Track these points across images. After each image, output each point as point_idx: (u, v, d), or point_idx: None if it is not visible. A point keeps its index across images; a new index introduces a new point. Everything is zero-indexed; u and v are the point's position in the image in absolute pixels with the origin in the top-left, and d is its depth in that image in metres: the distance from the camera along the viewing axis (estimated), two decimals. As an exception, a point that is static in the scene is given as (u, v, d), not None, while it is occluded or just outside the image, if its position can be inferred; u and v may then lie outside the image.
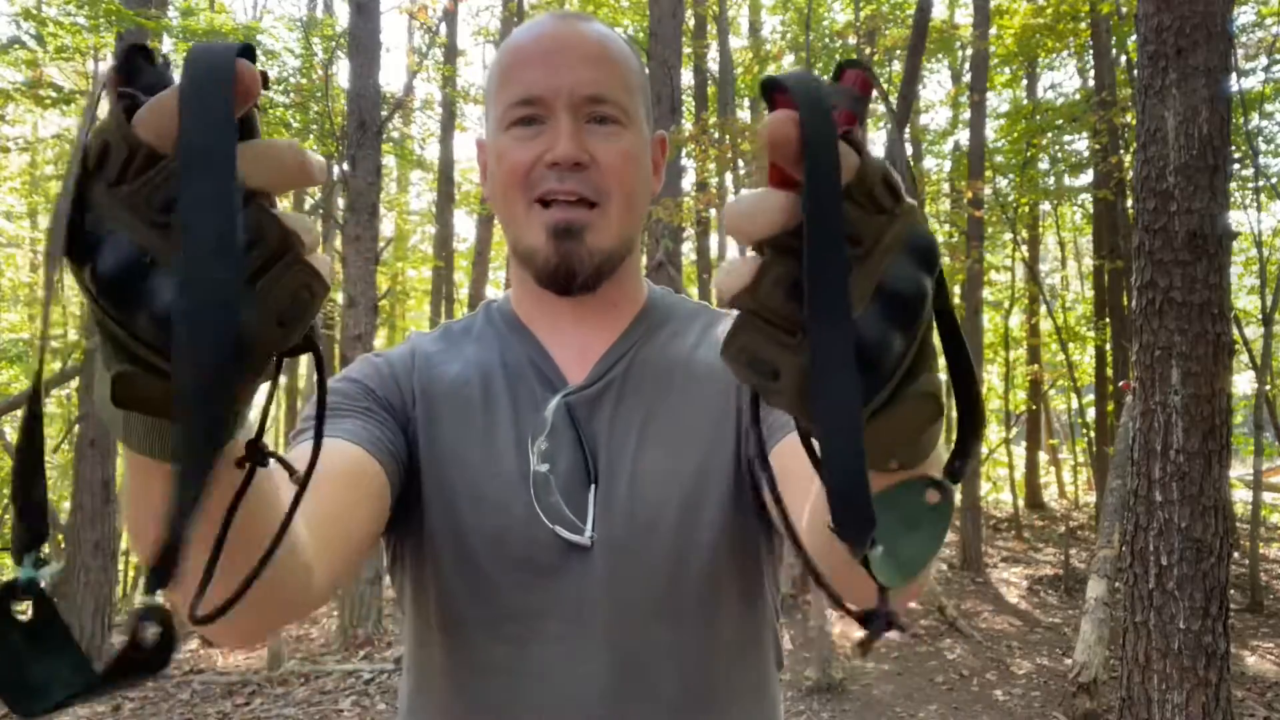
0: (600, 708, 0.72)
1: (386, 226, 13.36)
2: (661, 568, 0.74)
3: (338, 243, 7.31)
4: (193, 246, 0.28)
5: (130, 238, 0.30)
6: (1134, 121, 3.39)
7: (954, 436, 0.39)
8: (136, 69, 0.35)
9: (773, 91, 0.32)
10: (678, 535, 0.75)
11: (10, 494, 0.33)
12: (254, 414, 0.40)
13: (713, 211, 9.26)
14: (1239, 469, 9.95)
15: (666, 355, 0.83)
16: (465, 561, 0.75)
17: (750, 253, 0.33)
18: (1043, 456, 14.24)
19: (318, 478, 0.43)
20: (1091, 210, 10.84)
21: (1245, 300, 10.75)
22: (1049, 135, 9.94)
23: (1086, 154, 10.04)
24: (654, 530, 0.74)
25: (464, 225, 22.96)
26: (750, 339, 0.32)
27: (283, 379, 14.19)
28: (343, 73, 9.00)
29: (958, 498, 0.38)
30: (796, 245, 0.30)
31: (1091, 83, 10.06)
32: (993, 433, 13.47)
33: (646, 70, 0.87)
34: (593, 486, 0.75)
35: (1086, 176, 10.58)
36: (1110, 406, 9.39)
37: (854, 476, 0.30)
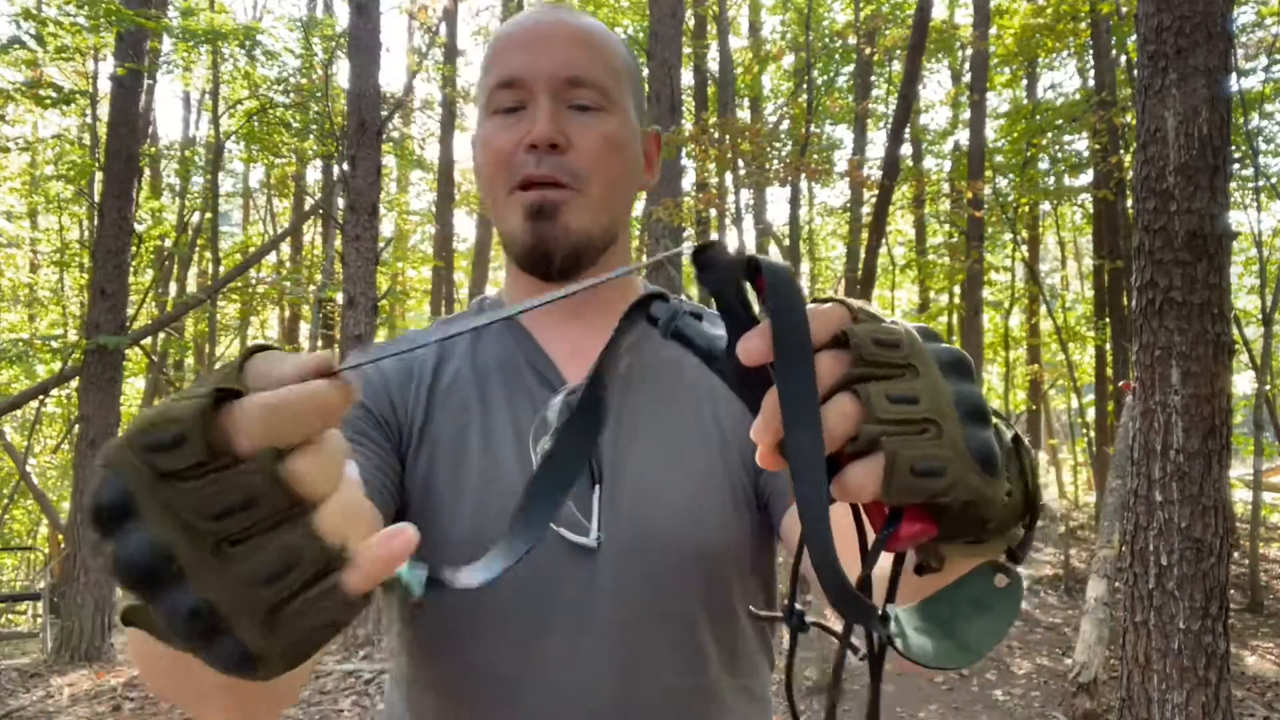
0: (606, 711, 0.71)
1: (386, 226, 13.36)
2: (668, 569, 0.73)
3: (338, 243, 7.31)
4: None
5: (156, 539, 0.28)
6: (1134, 121, 3.39)
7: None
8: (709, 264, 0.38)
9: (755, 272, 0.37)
10: (684, 536, 0.74)
11: None
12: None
13: (712, 212, 9.25)
14: (1239, 469, 9.95)
15: (665, 356, 0.81)
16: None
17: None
18: (1043, 456, 14.24)
19: None
20: (1091, 210, 10.84)
21: (1245, 300, 10.75)
22: (1049, 135, 9.95)
23: (1086, 154, 10.04)
24: (660, 531, 0.73)
25: (464, 225, 22.98)
26: None
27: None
28: (343, 73, 9.00)
29: (1024, 579, 0.41)
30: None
31: (1091, 83, 10.06)
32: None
33: (643, 67, 0.86)
34: (597, 487, 0.74)
35: (1086, 176, 10.58)
36: (1110, 406, 9.39)
37: (835, 579, 0.34)
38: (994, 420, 0.38)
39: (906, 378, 0.35)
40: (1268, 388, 7.21)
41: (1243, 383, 10.18)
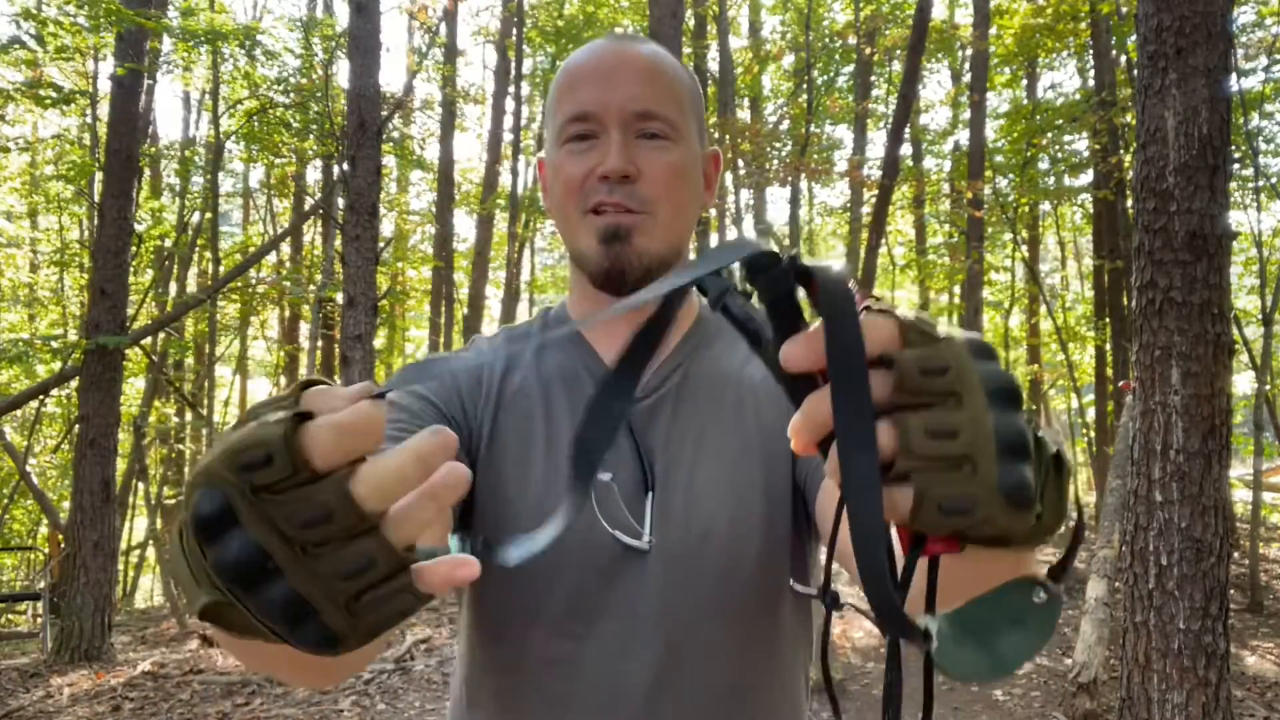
0: (647, 699, 0.77)
1: (386, 226, 13.35)
2: (713, 573, 0.78)
3: (338, 243, 7.30)
4: None
5: (257, 541, 0.32)
6: (1134, 121, 3.39)
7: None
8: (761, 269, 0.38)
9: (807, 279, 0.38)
10: (729, 544, 0.79)
11: None
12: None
13: (712, 211, 9.25)
14: (1239, 469, 9.95)
15: (719, 370, 0.87)
16: (529, 565, 0.77)
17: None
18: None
19: None
20: (1091, 210, 10.84)
21: (1245, 300, 10.76)
22: (1049, 135, 9.95)
23: (1086, 154, 10.05)
24: (707, 538, 0.78)
25: (464, 225, 22.94)
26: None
27: (282, 379, 14.12)
28: (343, 73, 9.00)
29: (1064, 598, 0.41)
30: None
31: (1091, 83, 10.06)
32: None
33: (700, 89, 0.91)
34: (650, 494, 0.79)
35: (1086, 176, 10.58)
36: (1110, 406, 9.39)
37: (883, 596, 0.34)
38: (1037, 438, 0.38)
39: (949, 407, 0.35)
40: (1268, 388, 7.21)
41: (1243, 383, 10.18)
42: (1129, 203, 7.86)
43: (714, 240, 11.97)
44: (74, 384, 7.65)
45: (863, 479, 0.34)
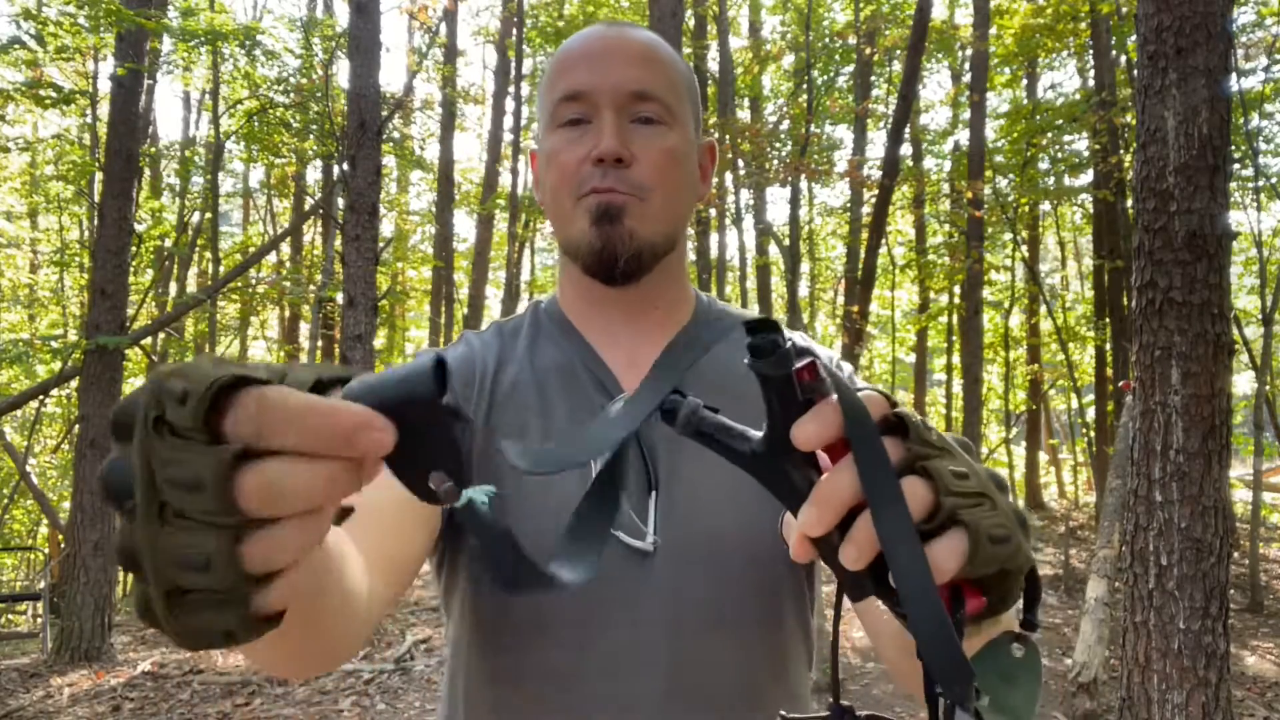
0: (656, 710, 0.73)
1: (386, 226, 13.35)
2: (721, 574, 0.76)
3: (338, 243, 7.30)
4: None
5: (127, 473, 0.29)
6: (1134, 121, 3.39)
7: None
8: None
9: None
10: (737, 543, 0.76)
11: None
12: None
13: (712, 211, 9.26)
14: (1239, 469, 9.95)
15: (721, 364, 0.81)
16: None
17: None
18: (1043, 456, 14.25)
19: (369, 507, 0.49)
20: (1091, 210, 10.84)
21: (1245, 300, 10.77)
22: (1049, 135, 9.95)
23: (1086, 154, 10.05)
24: (714, 538, 0.76)
25: (464, 225, 22.97)
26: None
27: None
28: (343, 73, 9.00)
29: (1040, 649, 0.44)
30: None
31: (1091, 83, 10.06)
32: (992, 433, 13.47)
33: (696, 80, 0.89)
34: (653, 493, 0.76)
35: (1086, 176, 10.58)
36: (1110, 406, 9.39)
37: (944, 645, 0.35)
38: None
39: (946, 456, 0.38)
40: (1268, 388, 7.21)
41: (1243, 383, 10.19)
42: (1129, 203, 7.87)
43: (714, 240, 11.96)
44: (74, 384, 7.65)
45: (900, 533, 0.35)
